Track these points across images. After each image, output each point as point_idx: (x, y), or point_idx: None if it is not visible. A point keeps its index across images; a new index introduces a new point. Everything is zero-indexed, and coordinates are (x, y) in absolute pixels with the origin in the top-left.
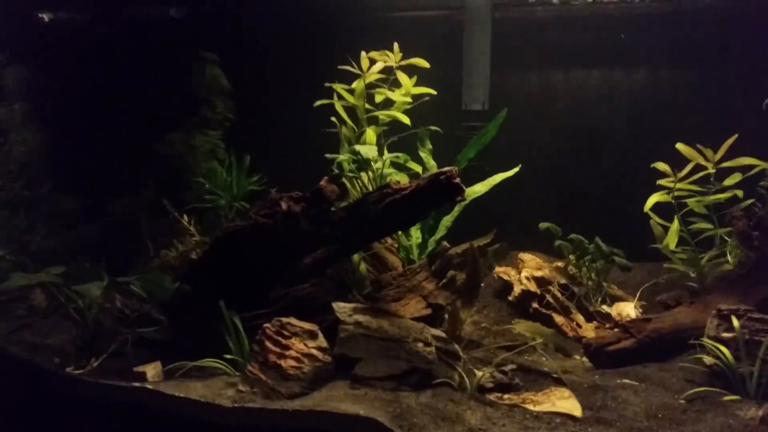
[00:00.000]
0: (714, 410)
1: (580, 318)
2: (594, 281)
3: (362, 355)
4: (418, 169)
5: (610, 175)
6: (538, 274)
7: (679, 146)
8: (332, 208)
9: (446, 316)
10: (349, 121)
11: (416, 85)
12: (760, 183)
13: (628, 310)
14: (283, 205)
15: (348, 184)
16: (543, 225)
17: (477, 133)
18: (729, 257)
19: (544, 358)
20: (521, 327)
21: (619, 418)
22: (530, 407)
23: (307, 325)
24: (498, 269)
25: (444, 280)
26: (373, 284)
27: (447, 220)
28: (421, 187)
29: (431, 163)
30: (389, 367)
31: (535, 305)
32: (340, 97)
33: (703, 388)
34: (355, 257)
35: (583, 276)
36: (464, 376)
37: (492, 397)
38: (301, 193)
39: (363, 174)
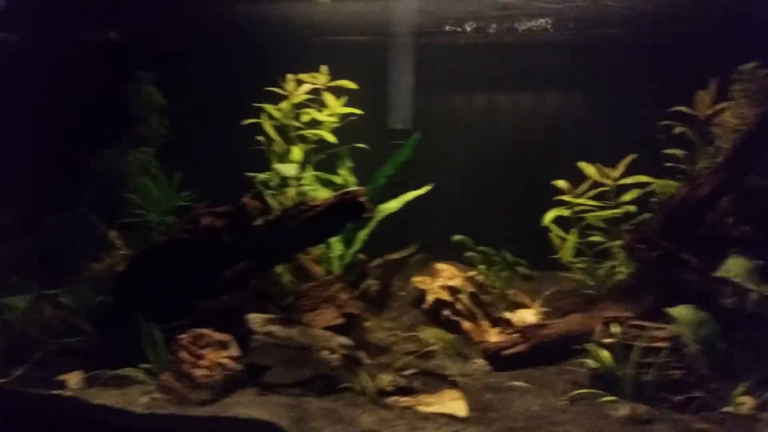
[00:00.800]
0: (591, 410)
1: (486, 324)
2: (499, 289)
3: (271, 363)
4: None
5: (520, 190)
6: (451, 283)
7: (581, 165)
8: (255, 223)
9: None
10: (278, 139)
11: (348, 105)
12: (652, 199)
13: (528, 316)
14: (205, 220)
15: (272, 201)
16: (455, 238)
17: (393, 155)
18: (623, 268)
19: (448, 362)
20: (426, 333)
21: (501, 418)
22: (422, 409)
23: (220, 336)
24: (416, 279)
25: (358, 291)
26: (292, 293)
27: (363, 234)
28: (331, 204)
29: (351, 180)
30: (296, 374)
31: (446, 312)
32: (271, 117)
33: (584, 390)
34: (278, 269)
35: (490, 284)
36: (367, 381)
37: (390, 400)
38: (225, 208)
39: (289, 189)
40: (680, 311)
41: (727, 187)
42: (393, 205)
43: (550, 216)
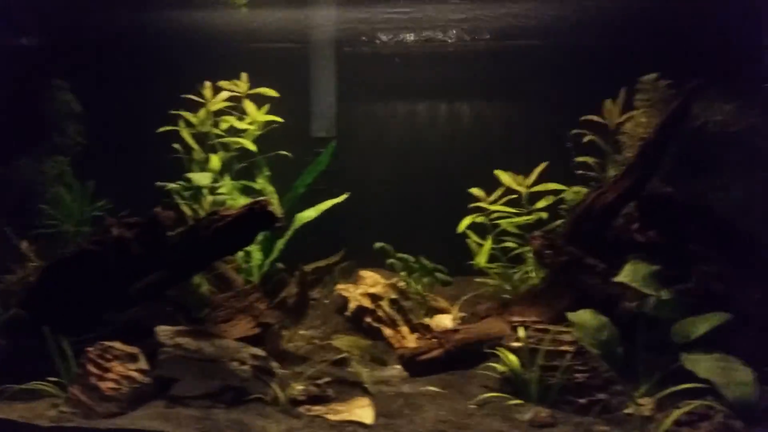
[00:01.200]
0: (497, 414)
1: (406, 330)
2: (419, 295)
3: (180, 375)
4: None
5: (440, 198)
6: (373, 290)
7: (497, 173)
8: (169, 234)
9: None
10: (196, 147)
11: (271, 113)
12: (561, 206)
13: (446, 321)
14: (115, 231)
15: (188, 210)
16: (377, 245)
17: (312, 164)
18: (536, 273)
19: (365, 370)
20: (340, 341)
21: (407, 424)
22: (330, 417)
23: (129, 349)
24: (339, 286)
25: (276, 300)
26: (208, 305)
27: (280, 243)
28: (240, 214)
29: (269, 189)
30: (205, 386)
31: (368, 319)
32: (188, 124)
33: (493, 394)
34: (197, 279)
35: (410, 291)
36: (278, 390)
37: (302, 409)
38: (136, 219)
39: (205, 199)
40: (580, 316)
41: (630, 193)
42: (310, 213)
43: (465, 223)
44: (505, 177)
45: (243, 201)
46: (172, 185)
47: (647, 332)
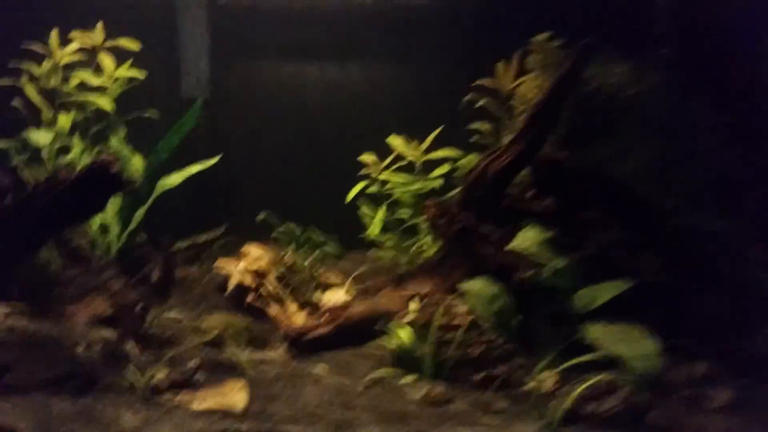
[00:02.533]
0: (387, 392)
1: (294, 307)
2: (308, 270)
3: (15, 362)
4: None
5: (328, 165)
6: (256, 266)
7: (390, 139)
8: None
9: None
10: (42, 104)
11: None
12: (454, 174)
13: (338, 297)
14: None
15: (28, 175)
16: (260, 216)
17: (175, 126)
18: (431, 243)
19: (243, 351)
20: (210, 321)
21: (285, 408)
22: (194, 406)
23: None
24: (219, 263)
25: (137, 277)
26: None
27: (140, 213)
28: (80, 177)
29: (124, 152)
30: (45, 372)
31: (249, 298)
32: (33, 78)
33: (385, 371)
34: (45, 255)
35: (299, 266)
36: (136, 376)
37: (164, 398)
38: None
39: (51, 163)
40: (472, 285)
41: (523, 158)
42: (173, 179)
43: (353, 192)
44: (397, 143)
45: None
46: (3, 144)
47: (546, 303)
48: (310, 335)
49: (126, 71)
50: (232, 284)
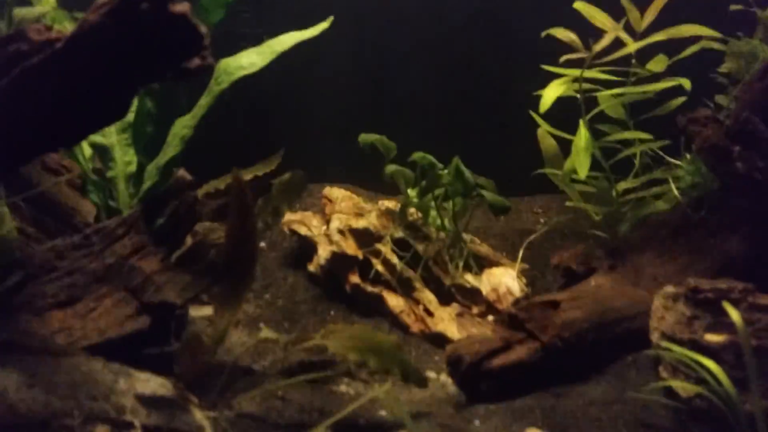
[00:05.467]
0: None
1: (430, 297)
2: (450, 232)
3: None
4: None
5: (463, 57)
6: (360, 224)
7: (578, 5)
8: None
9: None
10: None
11: None
12: (720, 68)
13: (508, 281)
14: None
15: None
16: (365, 138)
17: None
18: (673, 190)
19: (384, 387)
20: (337, 339)
21: None
22: None
23: None
24: (290, 217)
25: (180, 251)
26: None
27: (185, 125)
28: (96, 25)
29: None
30: None
31: (354, 279)
32: None
33: None
34: None
35: (431, 224)
36: None
37: None
38: None
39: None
40: None
41: None
42: (254, 59)
43: (549, 95)
44: (595, 13)
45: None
46: None
47: None
48: (498, 362)
49: None
50: (323, 255)
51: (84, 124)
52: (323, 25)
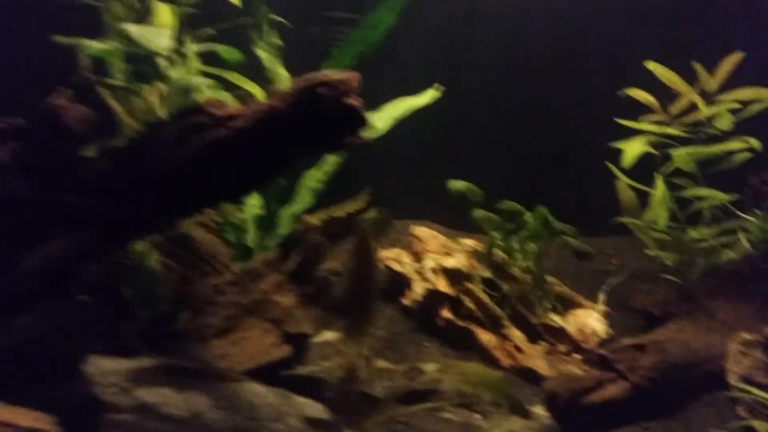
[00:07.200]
0: None
1: (519, 335)
2: (535, 274)
3: None
4: (254, 89)
5: (548, 113)
6: (451, 263)
7: (652, 66)
8: (83, 151)
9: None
10: None
11: None
12: None
13: (592, 322)
14: None
15: (116, 104)
16: (455, 185)
17: (355, 27)
18: (743, 242)
19: (487, 418)
20: (452, 373)
21: None
22: None
23: (24, 419)
24: (385, 254)
25: (311, 288)
26: (178, 300)
27: (315, 179)
28: (281, 110)
29: (280, 72)
30: None
31: (447, 314)
32: None
33: None
34: (140, 246)
35: (516, 265)
36: None
37: None
38: (14, 120)
39: (145, 86)
40: None
41: None
42: (375, 122)
43: (631, 151)
44: (670, 76)
45: (212, 93)
46: (100, 46)
47: None
48: (594, 398)
49: None
50: (418, 291)
51: (249, 185)
52: (433, 93)
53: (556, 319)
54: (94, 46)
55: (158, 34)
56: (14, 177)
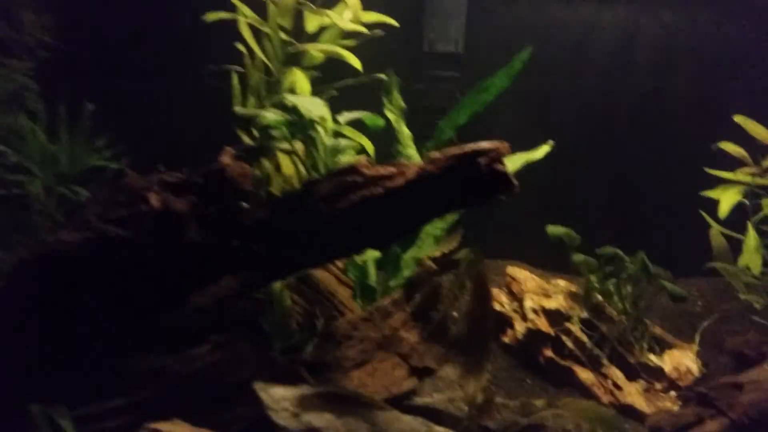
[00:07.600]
0: None
1: (617, 374)
2: (632, 315)
3: None
4: (368, 145)
5: (641, 159)
6: (551, 304)
7: (739, 119)
8: (244, 204)
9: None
10: (260, 54)
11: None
12: None
13: (687, 362)
14: (154, 201)
15: (268, 164)
16: (554, 230)
17: (474, 88)
18: None
19: None
20: (570, 410)
21: None
22: None
23: None
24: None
25: (432, 326)
26: (310, 334)
27: (438, 227)
28: (434, 174)
29: (404, 131)
30: None
31: (548, 353)
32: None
33: None
34: (276, 284)
35: (614, 307)
36: None
37: None
38: (187, 176)
39: (299, 145)
40: None
41: None
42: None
43: (726, 203)
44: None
45: (352, 153)
46: (270, 116)
47: None
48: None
49: (371, 14)
50: (520, 330)
51: (394, 236)
52: (546, 148)
53: (653, 359)
54: (269, 116)
55: (314, 103)
56: (191, 226)
